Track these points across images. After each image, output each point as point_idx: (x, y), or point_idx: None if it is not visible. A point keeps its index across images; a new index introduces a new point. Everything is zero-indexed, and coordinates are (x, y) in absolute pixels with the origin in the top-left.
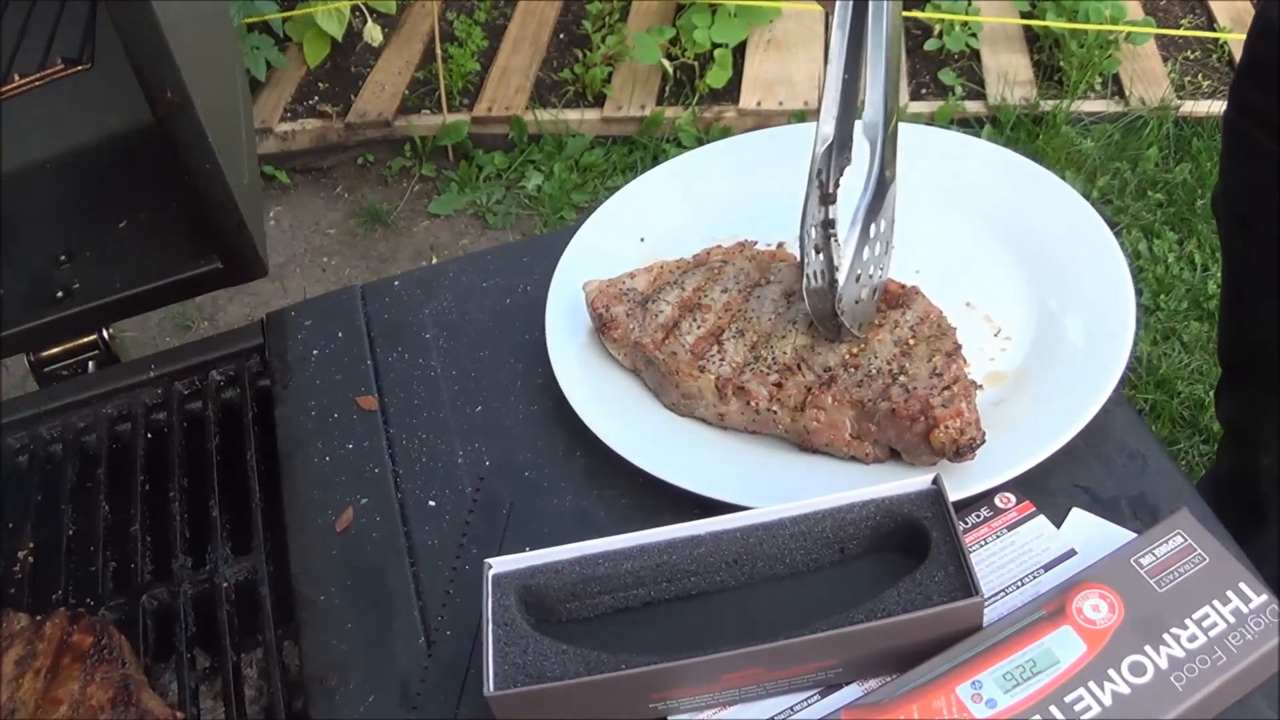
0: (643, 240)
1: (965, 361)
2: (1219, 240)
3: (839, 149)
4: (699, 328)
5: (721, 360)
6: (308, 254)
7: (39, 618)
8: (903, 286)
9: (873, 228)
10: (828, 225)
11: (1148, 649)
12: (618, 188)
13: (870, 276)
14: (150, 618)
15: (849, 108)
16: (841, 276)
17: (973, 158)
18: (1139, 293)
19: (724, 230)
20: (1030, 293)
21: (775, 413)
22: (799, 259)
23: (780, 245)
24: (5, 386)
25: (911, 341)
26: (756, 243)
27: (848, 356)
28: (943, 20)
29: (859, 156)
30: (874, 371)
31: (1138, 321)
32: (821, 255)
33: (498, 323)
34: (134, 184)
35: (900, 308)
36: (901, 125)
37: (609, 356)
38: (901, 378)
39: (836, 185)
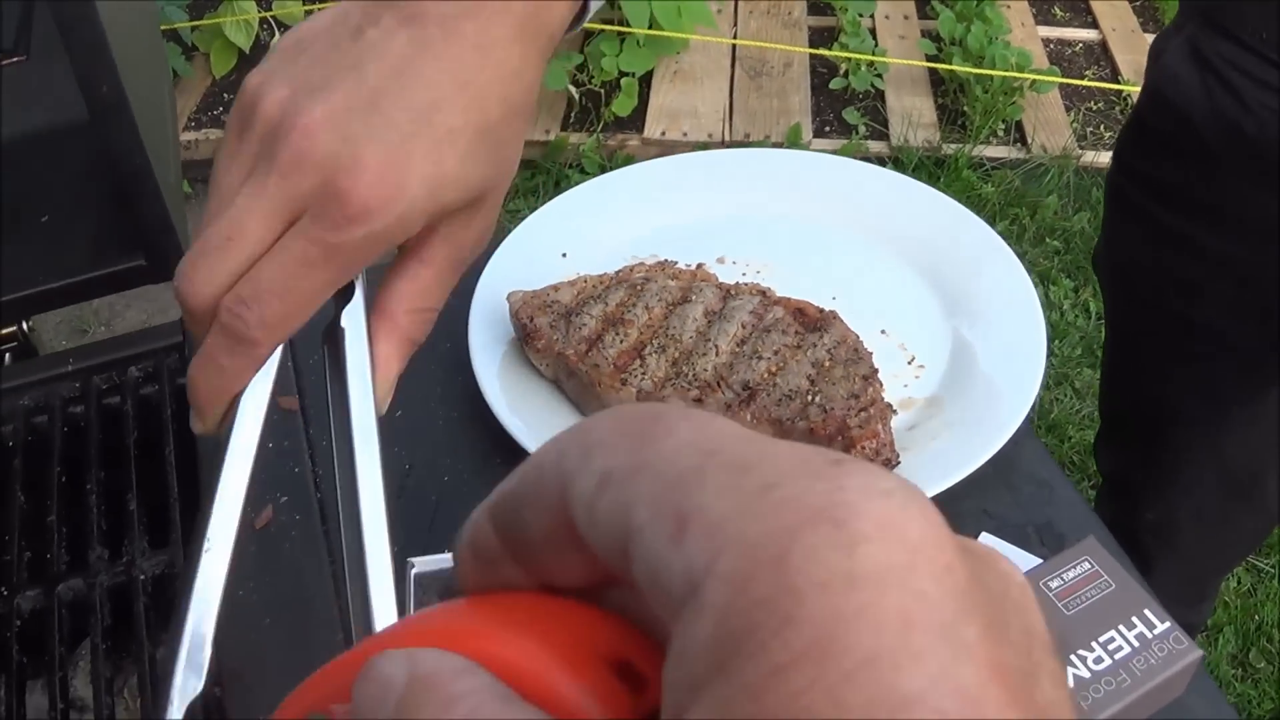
0: (564, 256)
1: (881, 385)
2: (1102, 295)
3: None
4: (622, 342)
5: (643, 374)
6: None
7: None
8: (820, 310)
9: None
10: None
11: None
12: (519, 211)
13: None
14: (65, 608)
15: None
16: None
17: (893, 191)
18: None
19: (644, 250)
20: (944, 323)
21: None
22: None
23: (700, 266)
24: None
25: (829, 364)
26: (677, 263)
27: (766, 376)
28: (849, 59)
29: None
30: (792, 391)
31: (1048, 356)
32: None
33: None
34: (59, 180)
35: (818, 331)
36: (822, 156)
37: (529, 366)
38: (818, 398)
39: None
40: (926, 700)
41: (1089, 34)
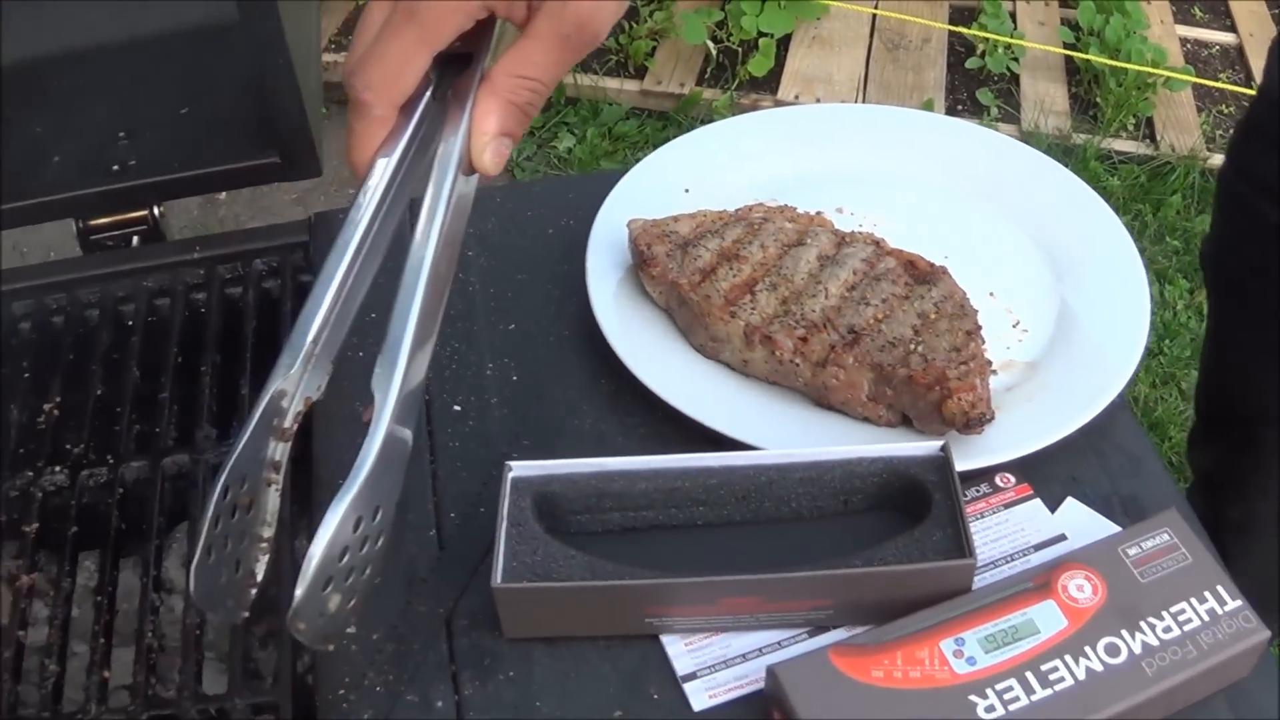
0: (687, 191)
1: (983, 342)
2: (1206, 290)
3: (314, 370)
4: (734, 276)
5: (752, 309)
6: (334, 185)
7: None
8: (931, 265)
9: (373, 514)
10: (275, 467)
11: (1124, 633)
12: None
13: (348, 581)
14: (168, 480)
15: (341, 322)
16: (305, 582)
17: (1015, 158)
18: None
19: (765, 193)
20: (1052, 292)
21: (797, 365)
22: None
23: (819, 213)
24: (50, 248)
25: (934, 316)
26: (796, 208)
27: (872, 321)
28: (987, 40)
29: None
30: (896, 339)
31: (1150, 335)
32: (247, 509)
33: (538, 249)
34: (201, 74)
35: (927, 284)
36: (948, 119)
37: (643, 294)
38: (921, 348)
39: (299, 418)
40: None
41: (1227, 37)
